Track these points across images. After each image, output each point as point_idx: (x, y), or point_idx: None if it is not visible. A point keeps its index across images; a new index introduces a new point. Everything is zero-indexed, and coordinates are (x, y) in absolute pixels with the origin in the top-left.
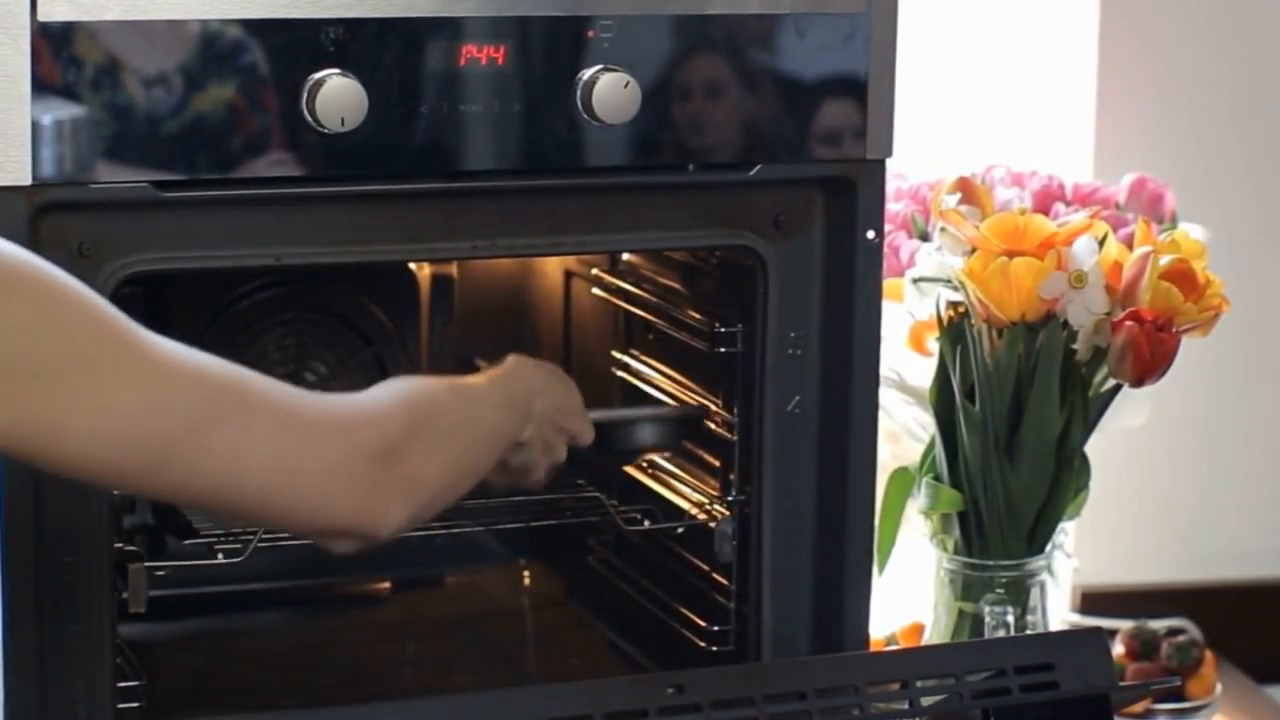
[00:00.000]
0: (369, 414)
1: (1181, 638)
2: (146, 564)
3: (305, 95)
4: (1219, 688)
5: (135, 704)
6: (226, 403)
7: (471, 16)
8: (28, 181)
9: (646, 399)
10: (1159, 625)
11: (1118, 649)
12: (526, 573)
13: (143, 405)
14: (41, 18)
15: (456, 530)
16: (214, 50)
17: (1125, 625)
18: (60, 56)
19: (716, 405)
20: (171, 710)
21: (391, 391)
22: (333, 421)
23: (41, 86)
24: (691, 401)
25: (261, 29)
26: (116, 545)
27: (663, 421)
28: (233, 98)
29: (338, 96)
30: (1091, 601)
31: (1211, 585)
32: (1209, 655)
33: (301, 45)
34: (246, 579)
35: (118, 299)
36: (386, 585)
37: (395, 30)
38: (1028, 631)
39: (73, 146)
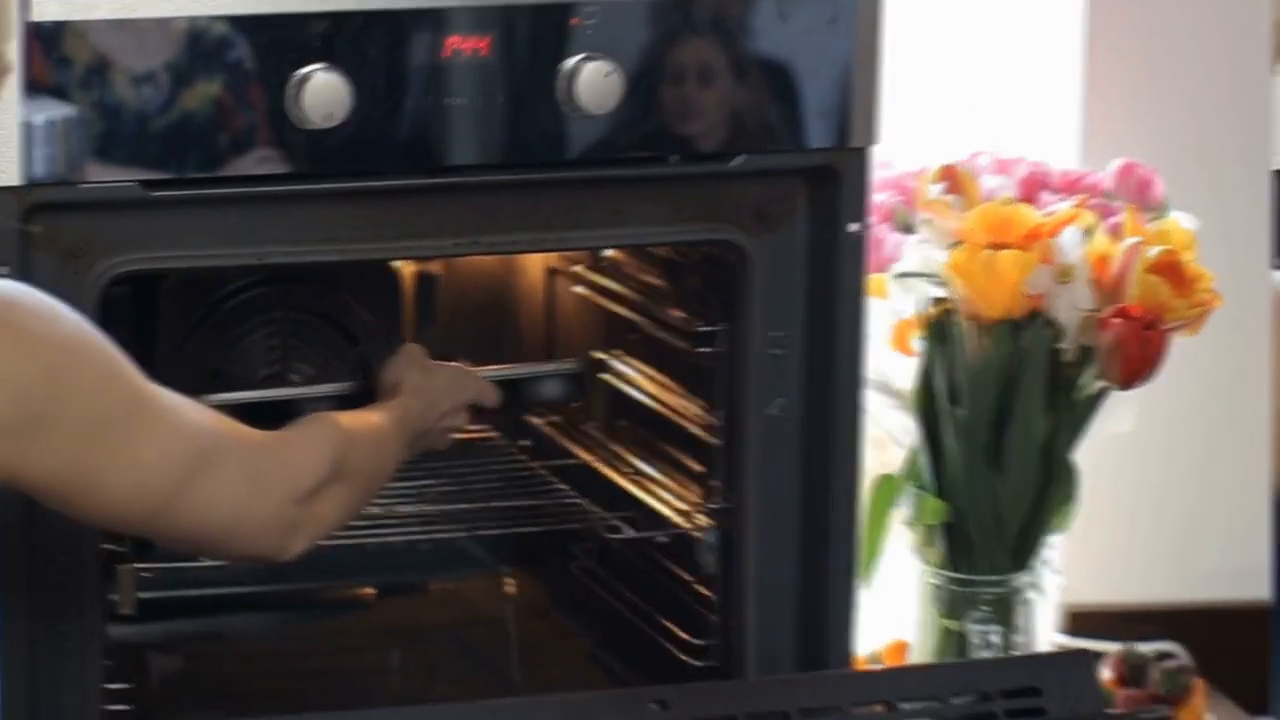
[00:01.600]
0: (306, 460)
1: (1171, 663)
2: (134, 565)
3: (291, 91)
4: (1209, 718)
5: (124, 706)
6: (212, 456)
7: (456, 7)
8: (19, 181)
9: (627, 401)
10: (1148, 649)
11: (1106, 674)
12: (510, 580)
13: (158, 458)
14: (34, 17)
15: (440, 536)
16: (201, 47)
17: (1113, 647)
18: (51, 56)
19: (700, 408)
20: (160, 712)
21: (324, 434)
22: (280, 469)
23: (33, 86)
24: (675, 406)
25: (248, 25)
26: (105, 546)
27: (558, 375)
28: (220, 94)
29: (323, 91)
30: (1078, 621)
31: (1200, 606)
32: (1199, 683)
33: (288, 41)
34: (232, 581)
35: (107, 299)
36: (371, 591)
37: (381, 23)
38: (1014, 652)
39: (64, 146)
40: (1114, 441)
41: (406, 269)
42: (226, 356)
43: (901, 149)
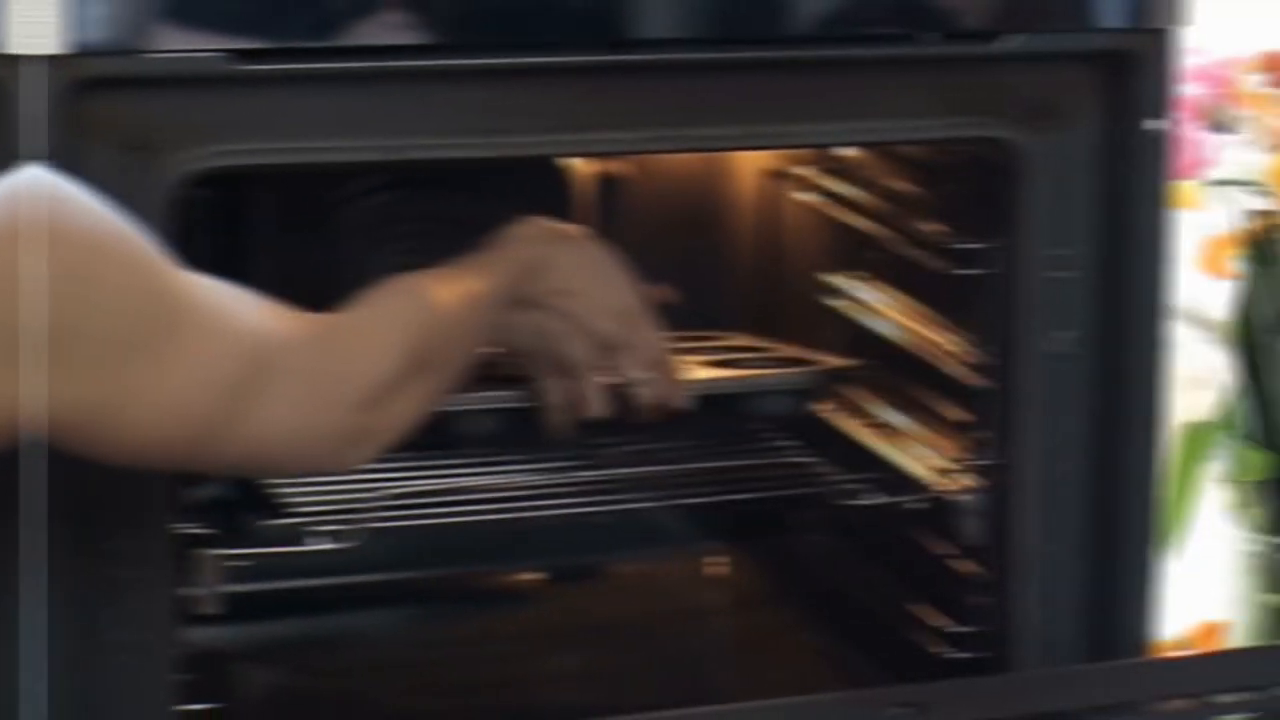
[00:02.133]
0: (380, 355)
1: None
2: (220, 551)
3: None
4: None
5: None
6: (265, 365)
7: None
8: (61, 50)
9: (866, 337)
10: None
11: None
12: (718, 561)
13: (203, 373)
14: None
15: (629, 507)
16: None
17: None
18: None
19: (961, 344)
20: None
21: (403, 317)
22: (348, 368)
23: None
24: (930, 341)
25: None
26: (180, 527)
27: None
28: None
29: None
30: None
31: None
32: None
33: None
34: (352, 569)
35: (181, 204)
36: (540, 577)
37: None
38: None
39: (125, 2)
40: None
41: (583, 169)
42: (341, 282)
43: (1215, 32)
